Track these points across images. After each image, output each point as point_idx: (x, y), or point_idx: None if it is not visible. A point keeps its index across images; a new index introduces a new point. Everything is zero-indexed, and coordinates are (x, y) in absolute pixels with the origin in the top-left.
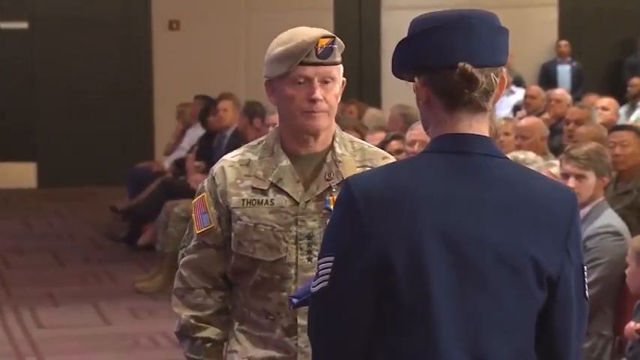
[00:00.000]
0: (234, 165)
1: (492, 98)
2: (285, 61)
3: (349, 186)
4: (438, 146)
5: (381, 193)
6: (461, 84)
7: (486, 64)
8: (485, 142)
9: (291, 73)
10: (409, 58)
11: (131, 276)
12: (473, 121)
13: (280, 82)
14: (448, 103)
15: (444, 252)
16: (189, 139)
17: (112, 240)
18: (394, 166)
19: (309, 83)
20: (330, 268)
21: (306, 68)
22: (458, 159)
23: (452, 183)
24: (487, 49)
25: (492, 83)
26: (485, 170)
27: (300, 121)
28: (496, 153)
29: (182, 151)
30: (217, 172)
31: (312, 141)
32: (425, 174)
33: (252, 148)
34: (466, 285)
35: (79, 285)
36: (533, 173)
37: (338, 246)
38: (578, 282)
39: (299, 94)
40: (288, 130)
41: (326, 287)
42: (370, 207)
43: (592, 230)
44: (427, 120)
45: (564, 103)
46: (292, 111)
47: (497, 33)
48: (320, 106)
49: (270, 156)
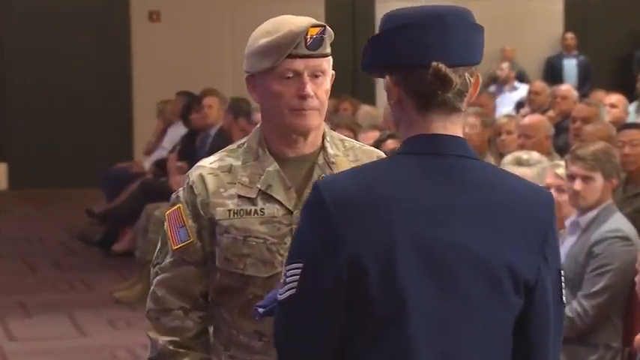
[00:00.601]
0: (214, 172)
1: (467, 99)
2: (270, 54)
3: (319, 189)
4: (411, 147)
5: (353, 196)
6: (434, 84)
7: (461, 63)
8: (460, 144)
9: (278, 67)
10: (381, 56)
11: (108, 284)
12: (447, 123)
13: (265, 78)
14: (421, 103)
15: (417, 258)
16: (171, 138)
17: (87, 245)
18: (365, 169)
19: (299, 78)
20: (298, 276)
21: (295, 61)
22: (432, 161)
23: (425, 186)
24: (462, 47)
25: (467, 83)
26: (460, 172)
27: (289, 120)
28: (471, 154)
29: (163, 150)
30: (195, 180)
31: (302, 142)
32: (397, 176)
33: (232, 153)
34: (441, 292)
35: (53, 293)
36: (510, 175)
37: (307, 252)
38: (555, 287)
39: (287, 90)
40: (274, 130)
41: (294, 295)
42: (341, 211)
43: (600, 235)
44: (399, 120)
45: (570, 100)
46: (280, 109)
47: (473, 30)
48: (311, 103)
49: (254, 160)
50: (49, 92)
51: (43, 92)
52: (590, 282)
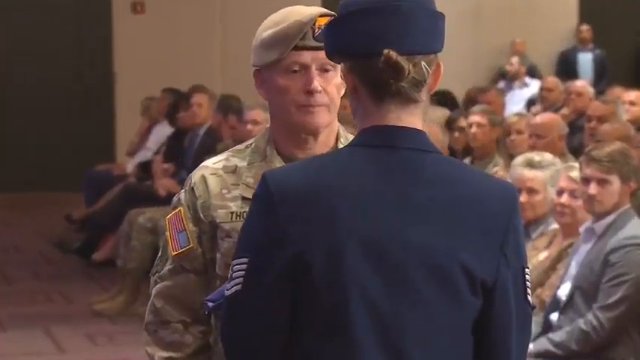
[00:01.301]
0: (217, 172)
1: (425, 89)
2: (276, 46)
3: (265, 181)
4: (365, 139)
5: (300, 189)
6: (386, 73)
7: (418, 51)
8: (417, 136)
9: (284, 60)
10: (336, 42)
11: (88, 296)
12: (402, 114)
13: (271, 72)
14: (375, 93)
15: (366, 255)
16: (156, 137)
17: (65, 253)
18: (315, 161)
19: (306, 71)
20: (244, 271)
21: (302, 53)
22: (385, 154)
23: (377, 180)
24: (419, 35)
25: (423, 72)
26: (415, 166)
27: (296, 118)
28: (429, 147)
29: (148, 151)
30: (197, 181)
31: (312, 141)
32: (348, 169)
33: (239, 153)
34: (390, 292)
35: (29, 306)
36: (471, 170)
37: (252, 246)
38: (518, 286)
39: (294, 85)
40: (281, 128)
41: (239, 291)
42: (287, 204)
43: (617, 242)
44: (355, 110)
45: (585, 97)
46: (286, 105)
47: (431, 17)
48: (319, 99)
49: (261, 160)
50: (23, 89)
51: (17, 89)
52: (606, 293)
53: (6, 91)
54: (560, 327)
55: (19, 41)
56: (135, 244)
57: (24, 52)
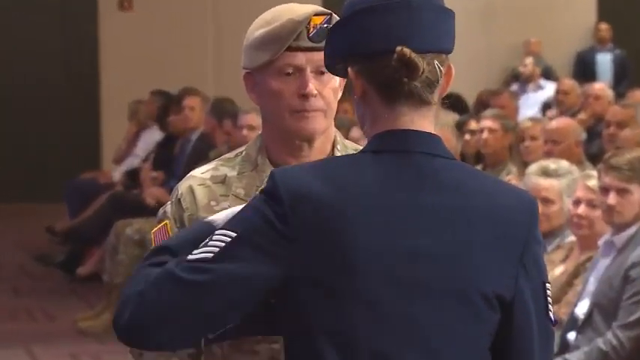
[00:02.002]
0: (205, 183)
1: (437, 90)
2: (268, 47)
3: (275, 182)
4: (377, 145)
5: (311, 193)
6: (399, 71)
7: (429, 49)
8: (432, 141)
9: (277, 62)
10: (342, 44)
11: (72, 313)
12: (415, 116)
13: (263, 74)
14: (386, 95)
15: (377, 265)
16: (145, 144)
17: (47, 267)
18: (328, 165)
19: (300, 74)
20: (224, 243)
21: (296, 55)
22: (399, 159)
23: (391, 187)
24: (429, 32)
25: (436, 72)
26: (430, 172)
27: (289, 123)
28: (444, 153)
29: (135, 158)
30: (184, 192)
31: (306, 148)
32: (361, 175)
33: (228, 162)
34: (401, 303)
35: (9, 323)
36: (488, 177)
37: (246, 225)
38: (539, 301)
39: (287, 89)
40: (274, 135)
41: (207, 259)
42: (296, 207)
43: (638, 256)
44: (363, 117)
45: (604, 101)
46: (279, 110)
47: (442, 15)
48: (314, 104)
49: (252, 170)
50: (3, 93)
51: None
52: (626, 310)
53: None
54: (578, 347)
55: (2, 43)
56: (122, 257)
57: (3, 53)
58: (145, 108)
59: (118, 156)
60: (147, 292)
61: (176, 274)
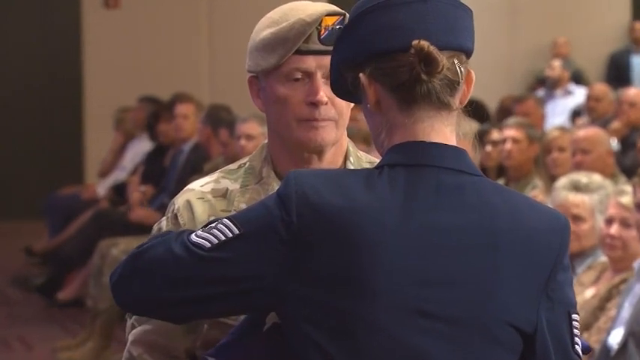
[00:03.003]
0: (205, 197)
1: (458, 94)
2: (275, 49)
3: (288, 185)
4: (395, 158)
5: (324, 206)
6: (417, 67)
7: (447, 45)
8: (455, 154)
9: (284, 66)
10: (353, 47)
11: (51, 341)
12: (436, 123)
13: (269, 79)
14: (402, 97)
15: (391, 295)
16: (133, 155)
17: (25, 292)
18: (342, 178)
19: (310, 80)
20: (225, 237)
21: (305, 59)
22: (419, 175)
23: (409, 206)
24: (448, 27)
25: (456, 72)
26: (453, 191)
27: (297, 134)
28: (469, 169)
29: (122, 171)
30: (181, 207)
31: (316, 161)
32: (377, 193)
33: (231, 174)
34: (417, 337)
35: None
36: (517, 196)
37: (252, 227)
38: (562, 335)
39: (295, 95)
40: (281, 146)
41: (205, 247)
42: (304, 217)
43: None
44: (378, 128)
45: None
46: (286, 119)
47: (460, 11)
48: (325, 112)
49: (257, 183)
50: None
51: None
52: None
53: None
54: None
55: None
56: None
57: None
58: (132, 116)
59: (103, 169)
60: (139, 252)
61: (171, 244)
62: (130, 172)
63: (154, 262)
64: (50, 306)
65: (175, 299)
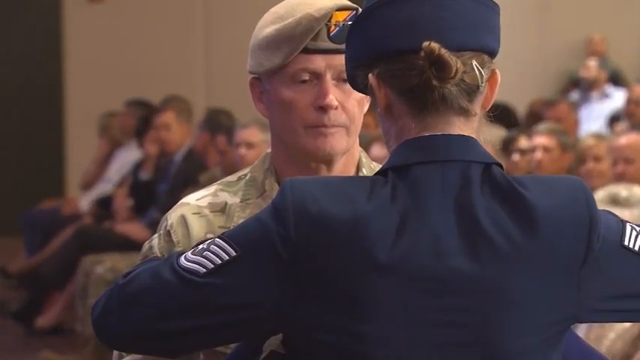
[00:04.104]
0: (201, 212)
1: (479, 99)
2: (280, 47)
3: (284, 195)
4: (403, 157)
5: (325, 217)
6: (427, 71)
7: (465, 46)
8: (472, 145)
9: (290, 66)
10: (361, 45)
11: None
12: (452, 130)
13: (273, 80)
14: (414, 102)
15: (404, 313)
16: (119, 165)
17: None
18: (345, 185)
19: (318, 81)
20: (220, 261)
21: (314, 58)
22: (431, 172)
23: (423, 209)
24: (465, 26)
25: (475, 75)
26: (472, 186)
27: (304, 141)
28: (488, 159)
29: (108, 183)
30: (175, 223)
31: (324, 171)
32: (384, 199)
33: (230, 186)
34: (431, 353)
35: None
36: (544, 185)
37: (248, 245)
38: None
39: (302, 99)
40: (285, 155)
41: (199, 273)
42: (302, 231)
43: None
44: (388, 132)
45: None
46: (291, 125)
47: (480, 7)
48: (334, 118)
49: (259, 197)
50: None
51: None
52: None
53: None
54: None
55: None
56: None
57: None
58: (119, 121)
59: (87, 180)
60: (124, 283)
61: (159, 270)
62: (116, 184)
63: (141, 291)
64: (28, 334)
65: (168, 331)
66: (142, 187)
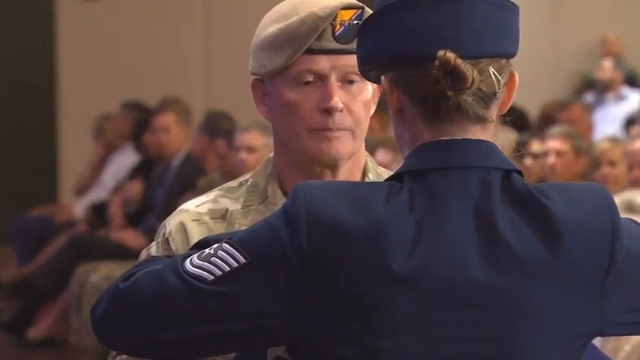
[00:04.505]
0: (201, 219)
1: (496, 105)
2: (283, 48)
3: (296, 200)
4: (416, 162)
5: (340, 224)
6: (442, 82)
7: (483, 53)
8: (489, 150)
9: (293, 67)
10: (372, 49)
11: None
12: (469, 136)
13: (276, 82)
14: (427, 111)
15: (422, 330)
16: (115, 170)
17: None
18: (360, 191)
19: (323, 83)
20: (229, 268)
21: (318, 59)
22: (448, 179)
23: (440, 220)
24: (484, 32)
25: (492, 82)
26: (492, 193)
27: (308, 145)
28: (507, 165)
29: (103, 189)
30: (174, 230)
31: (329, 177)
32: (398, 208)
33: (231, 192)
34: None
35: None
36: (567, 193)
37: (257, 256)
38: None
39: (306, 101)
40: (288, 159)
41: (207, 280)
42: (315, 239)
43: None
44: (401, 137)
45: None
46: (295, 128)
47: (501, 10)
48: (340, 121)
49: (261, 203)
50: None
51: None
52: None
53: None
54: None
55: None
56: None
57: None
58: (114, 125)
59: (81, 186)
60: (127, 286)
61: (163, 275)
62: (111, 189)
63: (145, 297)
64: (20, 346)
65: (173, 338)
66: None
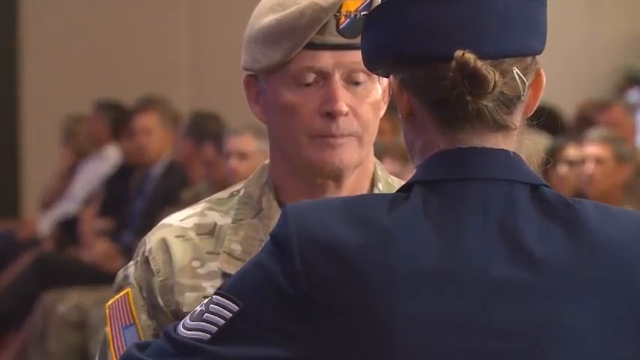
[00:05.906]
0: (186, 234)
1: (520, 108)
2: (280, 42)
3: (286, 223)
4: (429, 172)
5: (338, 245)
6: (460, 86)
7: (506, 53)
8: (513, 162)
9: (292, 64)
10: (380, 44)
11: None
12: (487, 145)
13: (271, 80)
14: (442, 117)
15: (432, 354)
16: (86, 179)
17: None
18: (360, 205)
19: (326, 82)
20: (224, 320)
21: (320, 55)
22: (465, 193)
23: (455, 242)
24: (507, 29)
25: (517, 85)
26: (517, 211)
27: (309, 153)
28: (533, 179)
29: (72, 202)
30: (154, 247)
31: (332, 188)
32: (408, 223)
33: (220, 204)
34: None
35: None
36: (604, 212)
37: (250, 300)
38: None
39: (306, 103)
40: (286, 168)
41: (203, 340)
42: (312, 263)
43: None
44: (411, 143)
45: None
46: (294, 133)
47: (527, 3)
48: (345, 126)
49: (255, 217)
50: None
51: None
52: None
53: None
54: None
55: None
56: (53, 347)
57: None
58: (87, 127)
59: (47, 199)
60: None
61: (161, 346)
62: (82, 202)
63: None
64: None
65: None
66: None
